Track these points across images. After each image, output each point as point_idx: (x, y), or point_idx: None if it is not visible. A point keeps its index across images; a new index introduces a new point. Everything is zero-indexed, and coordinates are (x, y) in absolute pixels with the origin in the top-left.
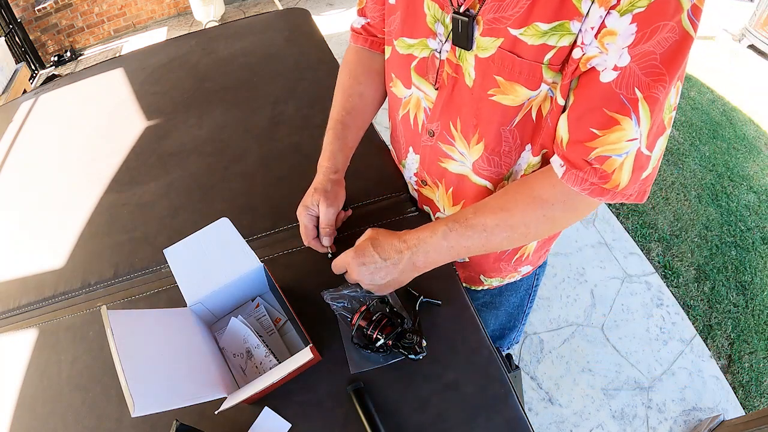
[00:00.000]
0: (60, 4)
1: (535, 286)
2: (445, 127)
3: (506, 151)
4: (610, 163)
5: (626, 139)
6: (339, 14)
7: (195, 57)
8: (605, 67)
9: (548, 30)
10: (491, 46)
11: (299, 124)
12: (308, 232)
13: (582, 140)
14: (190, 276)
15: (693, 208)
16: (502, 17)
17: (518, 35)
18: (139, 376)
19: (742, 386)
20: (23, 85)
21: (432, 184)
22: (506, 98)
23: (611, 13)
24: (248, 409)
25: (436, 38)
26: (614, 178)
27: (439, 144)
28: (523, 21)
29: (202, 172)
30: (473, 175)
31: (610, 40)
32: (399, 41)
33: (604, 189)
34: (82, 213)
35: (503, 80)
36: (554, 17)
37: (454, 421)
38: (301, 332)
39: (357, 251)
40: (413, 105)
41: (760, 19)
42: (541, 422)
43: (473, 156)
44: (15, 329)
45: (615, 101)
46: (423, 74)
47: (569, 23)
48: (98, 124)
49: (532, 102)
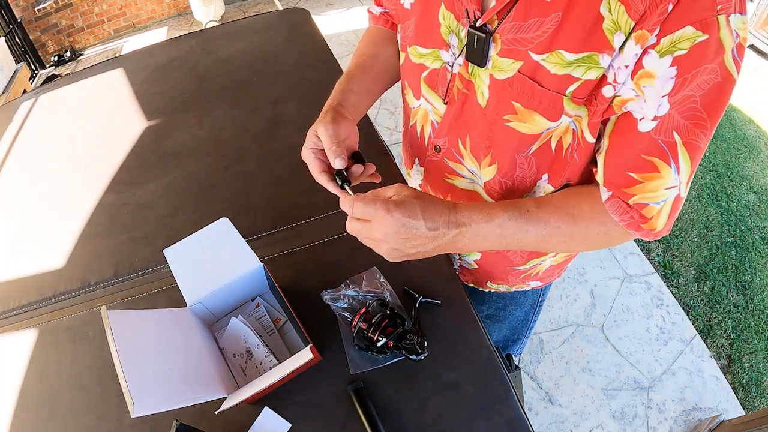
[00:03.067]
0: (60, 4)
1: (541, 301)
2: (453, 144)
3: (520, 177)
4: (648, 210)
5: (665, 187)
6: (339, 14)
7: (195, 57)
8: (643, 116)
9: (574, 60)
10: (509, 69)
11: (299, 124)
12: (314, 165)
13: (620, 185)
14: (190, 276)
15: (693, 208)
16: (523, 39)
17: (540, 61)
18: (139, 376)
19: (742, 386)
20: (23, 85)
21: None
22: (523, 126)
23: (649, 53)
24: (248, 409)
25: (449, 50)
26: (651, 222)
27: (446, 160)
28: (547, 47)
29: (202, 172)
30: (485, 195)
31: (647, 82)
32: (412, 49)
33: (640, 227)
34: (82, 213)
35: (521, 107)
36: (582, 47)
37: (454, 421)
38: (301, 332)
39: (401, 208)
40: (420, 117)
41: (760, 19)
42: (541, 422)
43: (485, 176)
44: (15, 329)
45: (654, 148)
46: (433, 86)
47: (598, 56)
48: (98, 124)
49: (551, 132)
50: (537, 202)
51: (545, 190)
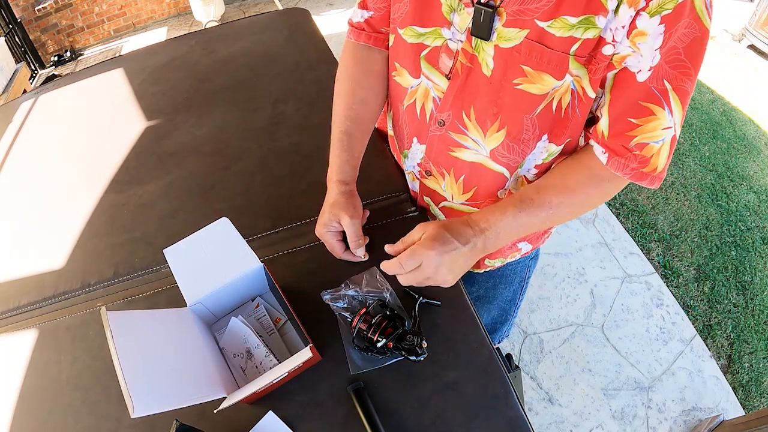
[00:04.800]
0: (60, 4)
1: (528, 278)
2: (457, 117)
3: (526, 139)
4: (648, 149)
5: (662, 128)
6: (339, 14)
7: (195, 57)
8: (640, 69)
9: (576, 23)
10: (516, 37)
11: (299, 124)
12: (336, 248)
13: (623, 131)
14: (190, 276)
15: (693, 208)
16: (528, 9)
17: (546, 27)
18: (139, 376)
19: (742, 386)
20: (23, 85)
21: (438, 174)
22: (533, 87)
23: (641, 15)
24: (248, 409)
25: (450, 27)
26: (652, 162)
27: (450, 133)
28: (552, 14)
29: (202, 172)
30: (491, 162)
31: (641, 40)
32: (407, 30)
33: (643, 173)
34: (82, 213)
35: (531, 70)
36: (583, 11)
37: (454, 421)
38: (301, 332)
39: (436, 241)
40: (420, 95)
41: (760, 19)
42: (541, 422)
43: (491, 144)
44: (15, 329)
45: (649, 95)
46: (434, 64)
47: (595, 18)
48: (98, 124)
49: (556, 92)
50: (537, 188)
51: (548, 150)
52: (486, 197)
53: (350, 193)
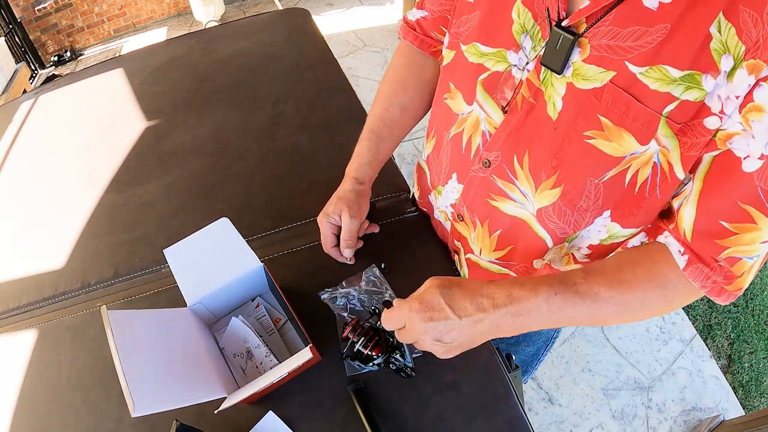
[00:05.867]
0: (60, 4)
1: (554, 338)
2: (507, 160)
3: (583, 207)
4: (739, 266)
5: (760, 241)
6: (339, 14)
7: (195, 57)
8: (748, 155)
9: (678, 78)
10: (597, 78)
11: (299, 124)
12: (327, 240)
13: (712, 235)
14: (190, 276)
15: None
16: (619, 46)
17: (638, 74)
18: (139, 376)
19: (742, 386)
20: (23, 85)
21: (470, 221)
22: (608, 145)
23: (761, 85)
24: (248, 409)
25: (518, 51)
26: (739, 281)
27: (494, 177)
28: (650, 59)
29: (202, 172)
30: (535, 223)
31: (756, 116)
32: (470, 47)
33: (723, 289)
34: (82, 213)
35: (609, 123)
36: (689, 65)
37: (454, 421)
38: (301, 332)
39: (421, 303)
40: (470, 125)
41: None
42: (541, 422)
43: (542, 201)
44: (15, 329)
45: (753, 194)
46: (491, 91)
47: (701, 76)
48: (98, 124)
49: (633, 160)
50: (585, 273)
51: (608, 230)
52: (520, 260)
53: (361, 192)
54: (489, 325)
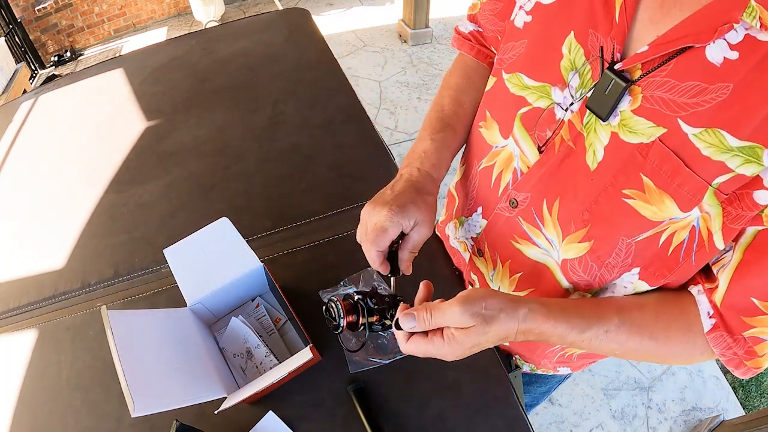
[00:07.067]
0: (60, 4)
1: (553, 389)
2: (536, 204)
3: (611, 264)
4: (762, 347)
5: None
6: (339, 14)
7: (195, 57)
8: None
9: (736, 148)
10: (645, 133)
11: (299, 124)
12: (378, 258)
13: (740, 310)
14: (190, 276)
15: None
16: (674, 102)
17: (691, 135)
18: (139, 376)
19: (742, 386)
20: (23, 85)
21: (489, 259)
22: (646, 208)
23: None
24: (248, 409)
25: (564, 90)
26: (759, 360)
27: (520, 220)
28: (707, 120)
29: (202, 172)
30: (558, 272)
31: None
32: (513, 76)
33: (743, 363)
34: (82, 213)
35: (653, 186)
36: (750, 135)
37: (454, 421)
38: (301, 332)
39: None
40: (502, 160)
41: None
42: (541, 422)
43: (568, 253)
44: (15, 329)
45: None
46: (529, 128)
47: (763, 150)
48: (98, 124)
49: (671, 224)
50: (621, 319)
51: (635, 287)
52: None
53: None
54: (512, 339)
